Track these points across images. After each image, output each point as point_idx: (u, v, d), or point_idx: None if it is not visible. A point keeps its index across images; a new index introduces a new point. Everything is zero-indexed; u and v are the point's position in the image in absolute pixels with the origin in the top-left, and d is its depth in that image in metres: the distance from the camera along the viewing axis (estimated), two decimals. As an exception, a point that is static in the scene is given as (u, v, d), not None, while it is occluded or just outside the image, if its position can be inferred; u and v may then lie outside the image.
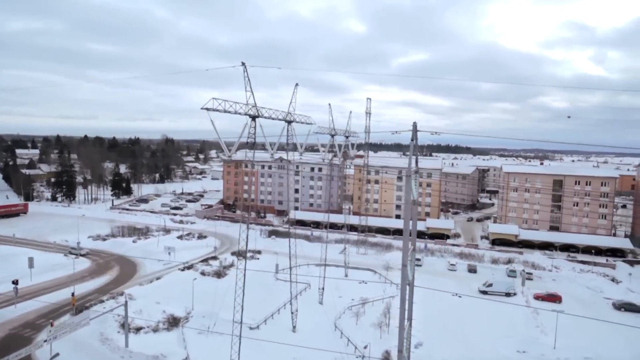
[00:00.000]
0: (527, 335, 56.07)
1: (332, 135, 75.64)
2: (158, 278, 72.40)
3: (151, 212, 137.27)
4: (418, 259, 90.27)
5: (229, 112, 41.09)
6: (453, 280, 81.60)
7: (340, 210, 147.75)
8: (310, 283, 74.67)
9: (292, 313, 58.25)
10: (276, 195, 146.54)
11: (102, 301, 60.70)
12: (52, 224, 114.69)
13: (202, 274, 75.72)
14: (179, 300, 61.73)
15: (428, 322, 59.23)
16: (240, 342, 44.28)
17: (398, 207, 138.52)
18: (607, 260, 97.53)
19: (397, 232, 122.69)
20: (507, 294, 72.37)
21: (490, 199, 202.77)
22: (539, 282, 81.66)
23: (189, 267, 78.45)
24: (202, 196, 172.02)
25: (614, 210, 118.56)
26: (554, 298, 70.37)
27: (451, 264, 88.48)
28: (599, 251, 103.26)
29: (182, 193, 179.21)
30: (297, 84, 54.36)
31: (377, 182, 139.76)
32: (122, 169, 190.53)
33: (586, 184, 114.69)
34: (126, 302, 50.68)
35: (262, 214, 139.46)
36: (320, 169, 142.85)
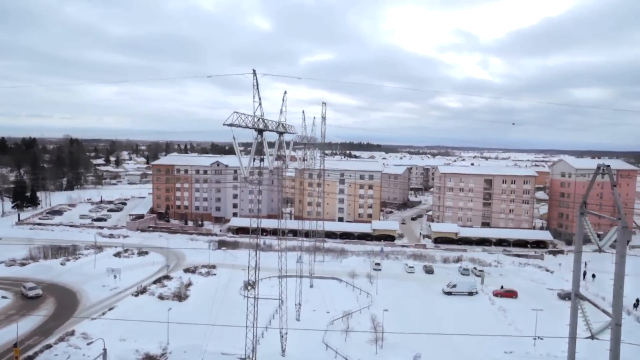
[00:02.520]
0: (507, 334, 59.12)
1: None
2: (111, 308, 63.14)
3: (71, 226, 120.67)
4: (378, 264, 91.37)
5: (247, 127, 36.52)
6: (414, 282, 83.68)
7: (281, 215, 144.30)
8: (282, 298, 70.95)
9: (281, 336, 54.60)
10: (213, 202, 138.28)
11: (49, 346, 50.82)
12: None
13: (160, 297, 67.93)
14: (148, 333, 54.26)
15: (409, 327, 59.38)
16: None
17: (341, 209, 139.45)
18: (535, 252, 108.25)
19: (345, 236, 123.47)
20: (470, 293, 76.18)
21: (415, 197, 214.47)
22: (489, 278, 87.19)
23: (143, 291, 69.88)
24: (124, 204, 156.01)
25: (536, 205, 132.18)
26: (510, 294, 75.69)
27: (410, 267, 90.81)
28: (525, 244, 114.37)
29: (101, 202, 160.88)
30: (285, 92, 50.69)
31: (319, 185, 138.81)
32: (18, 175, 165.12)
33: (512, 183, 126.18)
34: (105, 351, 42.71)
35: (200, 222, 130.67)
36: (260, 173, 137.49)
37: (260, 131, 40.12)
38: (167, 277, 77.59)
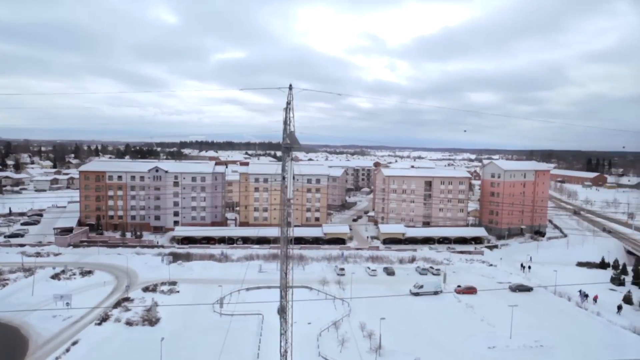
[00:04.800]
0: (484, 330, 63.57)
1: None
2: (74, 342, 55.52)
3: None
4: (342, 269, 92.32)
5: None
6: (380, 285, 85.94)
7: (225, 222, 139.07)
8: (262, 312, 68.58)
9: (281, 356, 52.55)
10: (152, 211, 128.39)
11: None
12: None
13: (129, 323, 61.51)
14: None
15: (395, 332, 61.17)
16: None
17: (288, 214, 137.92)
18: (475, 248, 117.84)
19: (297, 241, 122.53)
20: (435, 293, 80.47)
21: (349, 197, 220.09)
22: (443, 276, 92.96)
23: (106, 318, 62.66)
24: (40, 216, 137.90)
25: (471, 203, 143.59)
26: (471, 290, 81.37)
27: (372, 270, 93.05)
28: (464, 240, 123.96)
29: (10, 214, 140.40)
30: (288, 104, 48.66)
31: (266, 189, 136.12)
32: None
33: (449, 184, 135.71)
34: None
35: (138, 233, 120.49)
36: (203, 179, 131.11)
37: (289, 148, 38.17)
38: (127, 299, 70.41)
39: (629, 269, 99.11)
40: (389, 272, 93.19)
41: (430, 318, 68.84)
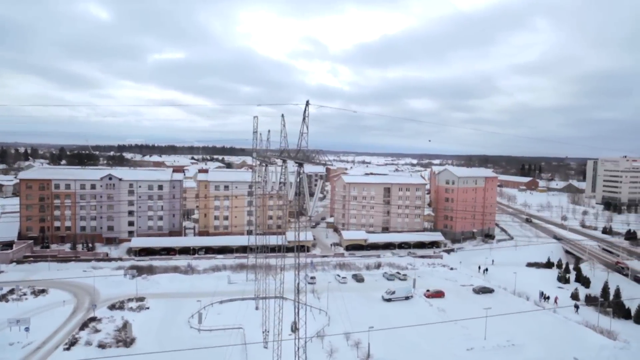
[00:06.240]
0: (459, 333, 66.72)
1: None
2: (44, 372, 50.94)
3: None
4: (313, 277, 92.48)
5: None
6: (352, 292, 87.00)
7: (183, 231, 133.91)
8: (242, 325, 67.16)
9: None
10: (104, 221, 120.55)
11: None
12: None
13: (101, 346, 57.42)
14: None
15: (376, 339, 62.49)
16: None
17: (250, 222, 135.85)
18: (434, 252, 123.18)
19: (263, 250, 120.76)
20: (407, 298, 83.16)
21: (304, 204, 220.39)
22: (411, 281, 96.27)
23: (74, 342, 58.04)
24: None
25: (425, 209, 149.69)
26: (439, 294, 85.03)
27: (342, 277, 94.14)
28: (422, 245, 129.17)
29: None
30: (282, 115, 48.61)
31: (226, 197, 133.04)
32: None
33: (406, 190, 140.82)
34: None
35: (90, 246, 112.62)
36: (160, 187, 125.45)
37: (300, 164, 37.97)
38: (94, 319, 65.68)
39: (571, 267, 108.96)
40: (359, 279, 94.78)
41: (407, 323, 70.92)
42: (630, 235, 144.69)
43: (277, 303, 58.08)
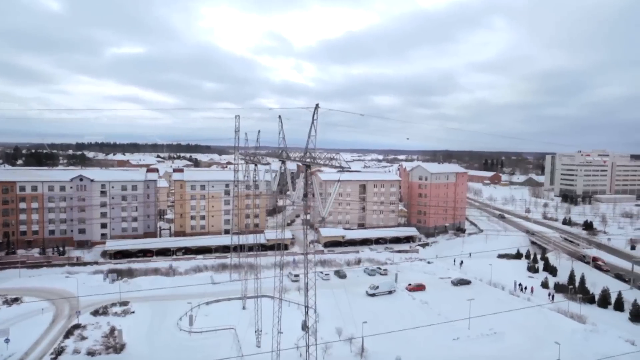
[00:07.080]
0: (444, 323, 69.51)
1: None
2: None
3: None
4: (296, 275, 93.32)
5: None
6: (336, 289, 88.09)
7: (158, 232, 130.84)
8: (233, 326, 67.09)
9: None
10: (75, 224, 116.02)
11: None
12: None
13: (90, 353, 55.97)
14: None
15: (366, 333, 64.26)
16: None
17: (227, 221, 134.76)
18: (410, 247, 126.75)
19: (241, 248, 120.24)
20: (390, 292, 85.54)
21: (277, 201, 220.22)
22: (392, 276, 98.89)
23: (61, 351, 56.20)
24: None
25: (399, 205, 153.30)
26: (420, 287, 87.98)
27: (325, 274, 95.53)
28: (398, 240, 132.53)
29: None
30: (279, 116, 49.01)
31: (203, 197, 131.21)
32: None
33: (381, 187, 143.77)
34: None
35: (61, 249, 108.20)
36: (134, 187, 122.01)
37: (308, 166, 38.58)
38: (78, 327, 63.69)
39: (539, 257, 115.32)
40: (341, 276, 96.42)
41: (392, 317, 73.24)
42: (587, 226, 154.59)
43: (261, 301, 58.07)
